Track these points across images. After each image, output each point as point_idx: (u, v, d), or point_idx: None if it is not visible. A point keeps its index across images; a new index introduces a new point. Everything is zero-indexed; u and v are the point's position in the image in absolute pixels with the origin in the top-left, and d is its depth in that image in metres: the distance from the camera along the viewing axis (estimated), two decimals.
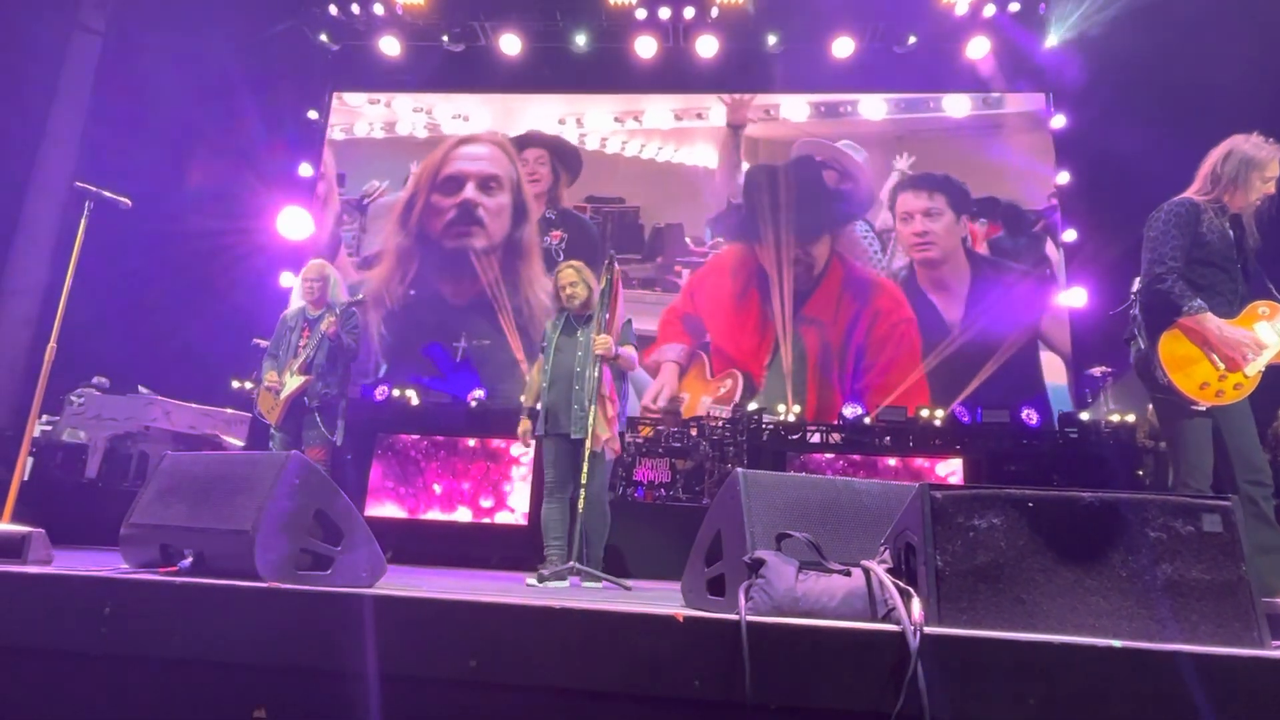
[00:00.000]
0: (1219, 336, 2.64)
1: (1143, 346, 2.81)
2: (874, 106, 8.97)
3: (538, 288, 8.80)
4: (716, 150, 9.13)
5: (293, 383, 4.40)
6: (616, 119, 9.29)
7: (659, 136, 9.20)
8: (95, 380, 6.08)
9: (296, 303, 4.77)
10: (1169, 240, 2.75)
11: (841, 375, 8.32)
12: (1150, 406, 5.66)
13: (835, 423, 7.36)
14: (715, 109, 9.17)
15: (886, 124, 8.98)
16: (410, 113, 9.54)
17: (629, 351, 3.77)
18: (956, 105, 8.85)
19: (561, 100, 9.36)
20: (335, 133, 9.61)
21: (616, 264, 3.72)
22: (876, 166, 8.89)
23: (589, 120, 9.34)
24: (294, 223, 8.56)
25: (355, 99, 9.64)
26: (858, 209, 8.80)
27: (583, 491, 3.42)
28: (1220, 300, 2.74)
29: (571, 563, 3.23)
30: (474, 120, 9.47)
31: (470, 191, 9.20)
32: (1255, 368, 2.65)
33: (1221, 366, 2.65)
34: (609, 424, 3.62)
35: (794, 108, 9.10)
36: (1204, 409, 2.68)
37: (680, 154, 9.15)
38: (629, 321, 3.89)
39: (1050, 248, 8.41)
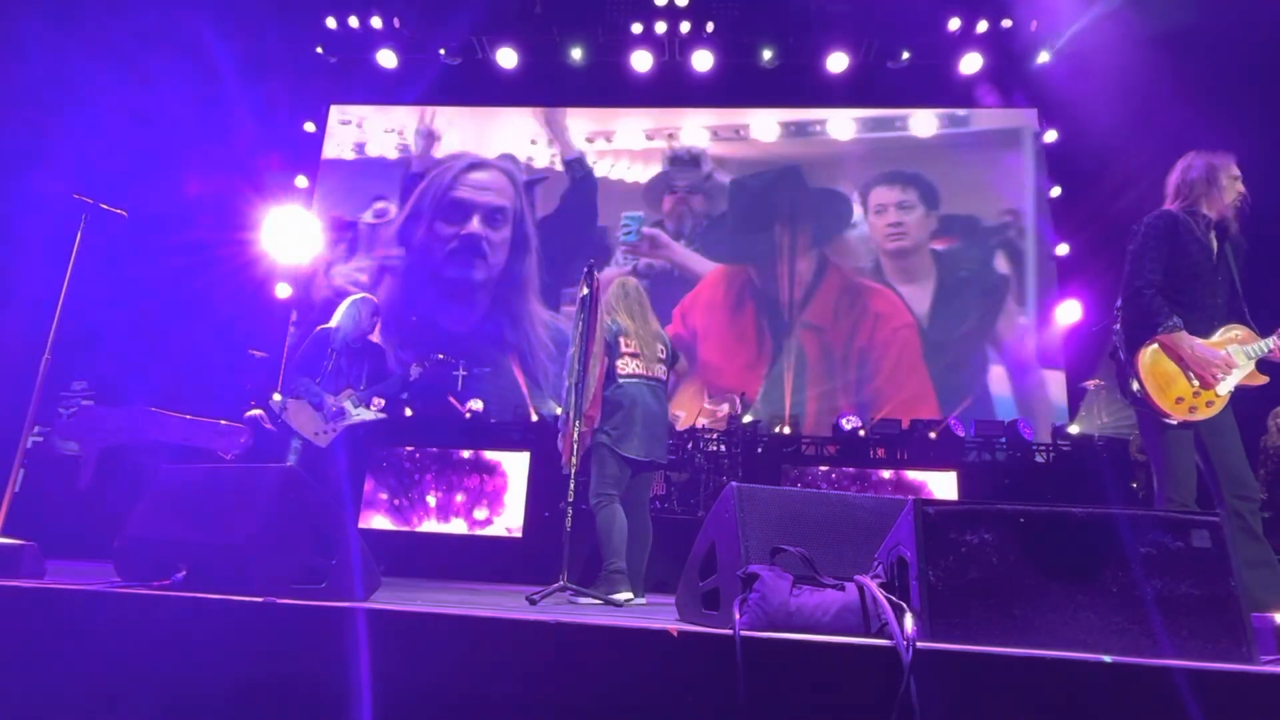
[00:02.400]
0: (1192, 355, 2.70)
1: (1123, 359, 2.85)
2: (842, 126, 9.06)
3: (535, 320, 8.83)
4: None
5: (363, 414, 4.47)
6: (588, 139, 9.31)
7: (627, 156, 9.21)
8: (75, 385, 6.08)
9: (347, 324, 4.59)
10: (1147, 254, 2.81)
11: (844, 381, 8.37)
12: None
13: (830, 435, 7.37)
14: (686, 128, 9.20)
15: (857, 143, 9.07)
16: (381, 134, 9.51)
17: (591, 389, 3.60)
18: (927, 123, 8.95)
19: (540, 118, 9.39)
20: (328, 149, 9.62)
21: (596, 273, 3.73)
22: (850, 181, 8.99)
23: (598, 136, 9.36)
24: (292, 237, 8.50)
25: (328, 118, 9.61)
26: (843, 220, 8.89)
27: (568, 509, 3.34)
28: (1200, 315, 2.79)
29: (561, 581, 3.20)
30: (446, 141, 9.45)
31: (476, 225, 9.16)
32: (1226, 387, 2.72)
33: (1196, 383, 2.70)
34: (578, 441, 3.45)
35: (764, 127, 9.16)
36: (1175, 423, 2.72)
37: (647, 172, 9.18)
38: (609, 323, 3.80)
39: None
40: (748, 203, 9.01)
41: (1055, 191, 8.42)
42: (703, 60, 8.58)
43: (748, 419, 6.95)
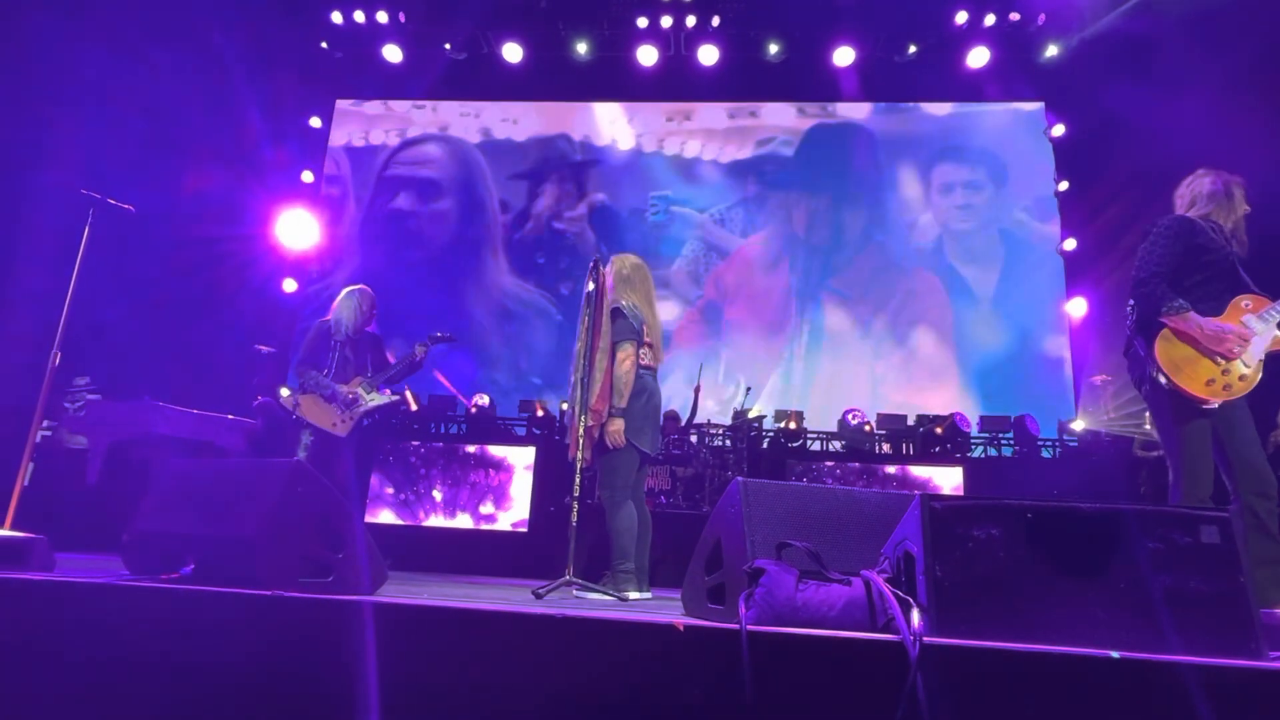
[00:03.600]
0: (1202, 333, 2.68)
1: (1141, 355, 2.83)
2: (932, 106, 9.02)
3: (494, 284, 8.98)
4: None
5: (376, 399, 4.48)
6: (669, 118, 9.32)
7: (720, 137, 9.25)
8: (78, 381, 6.12)
9: (348, 316, 4.59)
10: (1157, 250, 2.82)
11: (861, 352, 8.40)
12: (1147, 414, 5.68)
13: (835, 430, 7.36)
14: (768, 107, 9.22)
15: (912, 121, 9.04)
16: (458, 117, 9.56)
17: (622, 379, 3.56)
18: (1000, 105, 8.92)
19: (612, 104, 9.41)
20: (390, 137, 9.64)
21: (603, 267, 3.71)
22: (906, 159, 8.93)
23: (640, 122, 9.38)
24: (296, 229, 8.58)
25: (401, 105, 9.64)
26: (893, 198, 8.84)
27: (574, 503, 3.34)
28: (1211, 307, 2.77)
29: (567, 576, 3.21)
30: (523, 124, 9.51)
31: (403, 201, 9.25)
32: (1253, 357, 2.67)
33: (1222, 362, 2.67)
34: (586, 435, 3.45)
35: (853, 108, 9.18)
36: (1215, 406, 2.68)
37: (732, 151, 9.22)
38: (615, 309, 3.66)
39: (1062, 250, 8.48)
40: (793, 176, 9.03)
41: (1063, 185, 8.38)
42: (708, 54, 8.55)
43: (754, 413, 6.94)
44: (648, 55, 8.62)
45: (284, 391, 4.87)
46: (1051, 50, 8.25)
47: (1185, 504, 2.58)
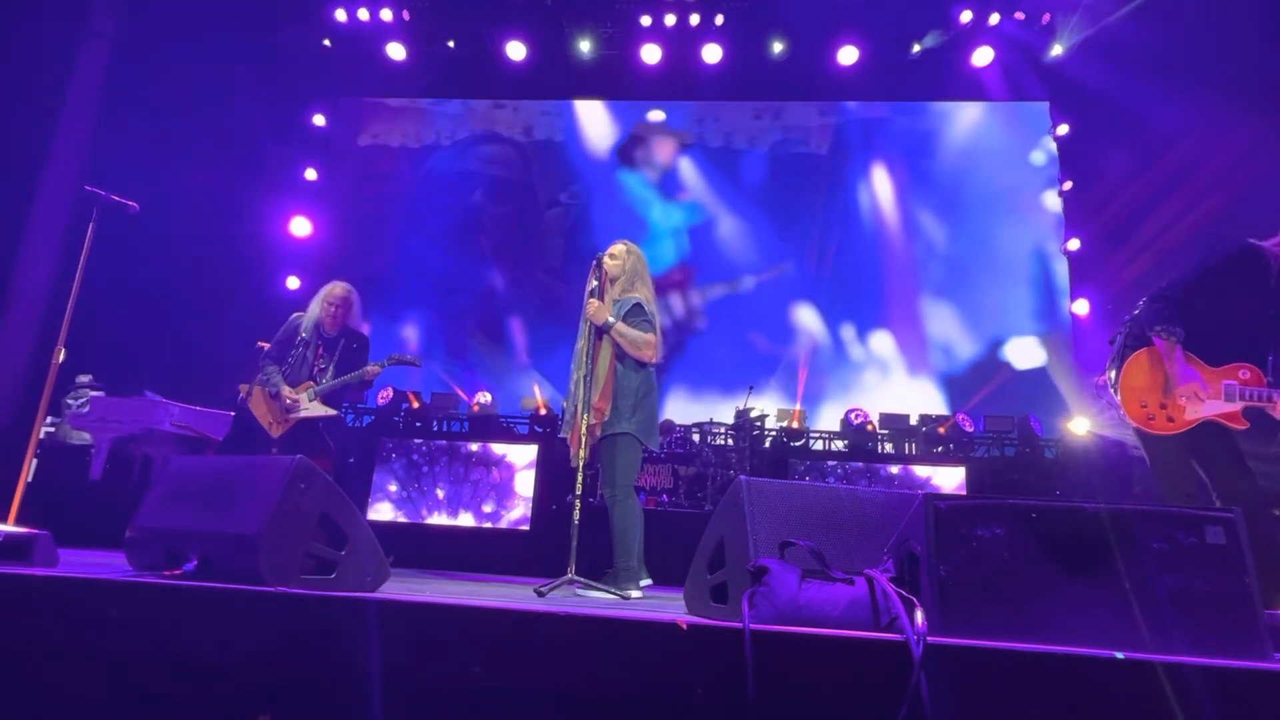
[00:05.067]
0: (1171, 366, 2.65)
1: (1116, 349, 2.84)
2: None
3: (538, 292, 9.05)
4: None
5: (314, 408, 4.35)
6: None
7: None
8: (80, 378, 6.13)
9: (311, 313, 4.49)
10: (1197, 272, 2.73)
11: (863, 351, 8.39)
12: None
13: (838, 429, 7.36)
14: (773, 106, 9.22)
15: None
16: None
17: (629, 331, 3.51)
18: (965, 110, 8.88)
19: (613, 102, 9.43)
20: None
21: (605, 264, 3.70)
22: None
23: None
24: (305, 225, 8.74)
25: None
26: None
27: (576, 502, 3.32)
28: (1218, 348, 2.70)
29: (569, 574, 3.21)
30: (531, 122, 9.54)
31: (479, 196, 9.34)
32: (1191, 413, 2.64)
33: (1166, 400, 2.66)
34: (589, 431, 3.41)
35: (857, 107, 9.20)
36: (1133, 426, 2.71)
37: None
38: (637, 304, 3.60)
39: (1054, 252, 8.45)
40: (801, 175, 9.06)
41: (1067, 185, 8.35)
42: (712, 53, 8.54)
43: (755, 412, 6.94)
44: (651, 53, 8.62)
45: (242, 387, 4.81)
46: (1057, 49, 8.23)
47: (1167, 502, 2.58)
